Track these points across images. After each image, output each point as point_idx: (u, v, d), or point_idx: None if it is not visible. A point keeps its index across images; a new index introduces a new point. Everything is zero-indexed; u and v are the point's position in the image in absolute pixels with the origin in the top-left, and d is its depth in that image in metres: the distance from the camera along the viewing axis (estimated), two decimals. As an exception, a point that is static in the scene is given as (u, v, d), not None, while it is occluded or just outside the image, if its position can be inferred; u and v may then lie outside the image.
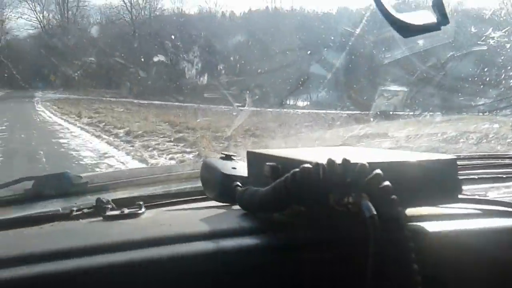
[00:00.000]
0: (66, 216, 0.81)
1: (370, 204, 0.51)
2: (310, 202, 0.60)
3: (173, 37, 19.45)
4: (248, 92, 11.81)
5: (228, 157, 0.83)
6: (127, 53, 20.99)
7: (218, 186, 0.77)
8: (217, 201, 0.79)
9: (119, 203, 0.80)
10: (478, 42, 8.98)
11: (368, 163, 0.53)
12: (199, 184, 0.87)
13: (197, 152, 7.58)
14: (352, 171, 0.53)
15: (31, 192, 1.03)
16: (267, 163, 0.63)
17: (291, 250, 0.59)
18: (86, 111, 15.59)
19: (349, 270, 0.56)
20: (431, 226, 0.64)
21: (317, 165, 0.54)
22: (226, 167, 0.78)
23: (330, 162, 0.53)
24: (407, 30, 0.67)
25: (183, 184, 1.09)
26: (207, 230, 0.61)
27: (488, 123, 9.69)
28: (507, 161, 1.29)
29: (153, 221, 0.73)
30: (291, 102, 12.29)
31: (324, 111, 10.68)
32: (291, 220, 0.64)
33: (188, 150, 8.06)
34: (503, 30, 8.66)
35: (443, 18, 0.65)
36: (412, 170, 0.61)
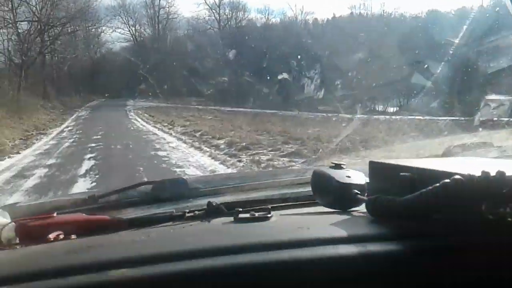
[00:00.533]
0: (180, 217, 0.86)
1: None
2: (454, 212, 0.60)
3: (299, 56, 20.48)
4: (360, 104, 12.22)
5: (338, 166, 0.86)
6: (214, 63, 23.08)
7: (332, 193, 0.80)
8: (329, 207, 0.81)
9: (230, 207, 0.83)
10: None
11: None
12: (304, 190, 0.95)
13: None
14: (509, 181, 0.53)
15: (150, 196, 1.10)
16: (402, 174, 0.66)
17: (436, 254, 0.58)
18: (177, 119, 16.14)
19: (496, 274, 0.56)
20: None
21: (470, 176, 0.54)
22: (340, 175, 0.81)
23: (485, 174, 0.54)
24: None
25: (289, 190, 1.11)
26: (346, 235, 0.61)
27: None
28: None
29: (285, 224, 0.74)
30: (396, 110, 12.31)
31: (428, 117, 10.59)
32: (426, 227, 0.63)
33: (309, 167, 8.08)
34: None
35: None
36: None
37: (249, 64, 21.98)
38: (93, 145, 10.26)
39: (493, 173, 0.54)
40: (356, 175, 0.82)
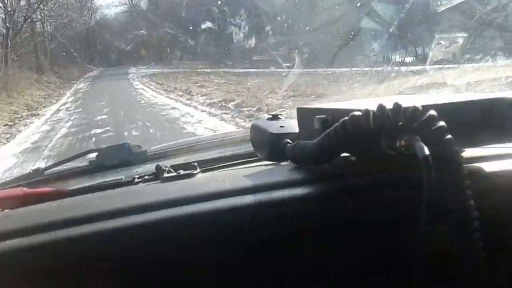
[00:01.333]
0: (128, 183, 0.86)
1: (423, 145, 0.49)
2: (360, 150, 0.61)
3: (219, 2, 19.32)
4: (296, 51, 11.64)
5: (275, 117, 0.85)
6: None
7: (267, 145, 0.79)
8: (268, 160, 0.81)
9: (177, 168, 0.83)
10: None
11: (422, 106, 0.52)
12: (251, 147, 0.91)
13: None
14: (403, 114, 0.52)
15: (95, 163, 1.10)
16: (317, 116, 0.63)
17: (343, 196, 0.60)
18: (191, 85, 13.50)
19: (403, 213, 0.55)
20: (488, 167, 0.63)
21: (367, 111, 0.53)
22: (274, 126, 0.80)
23: (381, 107, 0.52)
24: None
25: (237, 148, 1.11)
26: (259, 184, 0.63)
27: None
28: None
29: (208, 179, 0.76)
30: (341, 60, 11.97)
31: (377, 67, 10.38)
32: (341, 170, 0.65)
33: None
34: None
35: None
36: (468, 111, 0.60)
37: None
38: (98, 131, 7.66)
39: (390, 106, 0.52)
40: (291, 124, 0.79)
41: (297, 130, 0.76)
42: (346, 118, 0.55)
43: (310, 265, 0.58)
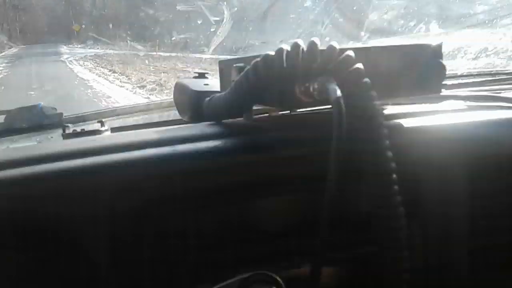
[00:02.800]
0: None
1: (336, 87, 0.46)
2: (275, 99, 0.57)
3: None
4: (225, 3, 10.97)
5: (201, 75, 0.80)
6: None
7: (189, 105, 0.75)
8: (192, 122, 0.75)
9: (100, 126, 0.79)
10: None
11: (340, 48, 0.49)
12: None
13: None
14: (319, 55, 0.49)
15: (2, 126, 1.02)
16: (234, 65, 0.59)
17: (253, 151, 0.58)
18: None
19: (316, 169, 0.50)
20: (410, 122, 0.62)
21: (280, 50, 0.50)
22: (198, 84, 0.76)
23: (295, 46, 0.50)
24: None
25: (164, 115, 1.07)
26: (165, 138, 0.59)
27: (487, 35, 9.28)
28: (503, 77, 1.23)
29: (112, 136, 0.72)
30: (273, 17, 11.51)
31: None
32: (257, 123, 0.63)
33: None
34: None
35: None
36: (389, 56, 0.58)
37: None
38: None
39: (307, 44, 0.49)
40: (217, 82, 0.73)
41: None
42: (258, 59, 0.51)
43: (216, 224, 0.57)
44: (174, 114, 0.99)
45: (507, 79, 1.21)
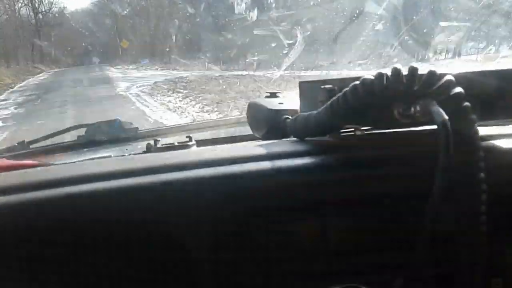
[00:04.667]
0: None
1: (440, 109, 0.47)
2: (369, 121, 0.58)
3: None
4: (299, 27, 11.46)
5: (273, 95, 0.82)
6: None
7: (265, 123, 0.75)
8: (266, 139, 0.75)
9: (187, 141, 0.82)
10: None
11: (439, 73, 0.49)
12: (247, 129, 0.87)
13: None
14: (419, 78, 0.49)
15: (84, 139, 1.07)
16: (322, 86, 0.59)
17: (348, 168, 0.57)
18: None
19: (413, 187, 0.54)
20: (504, 143, 0.61)
21: (380, 74, 0.50)
22: (273, 103, 0.77)
23: (395, 70, 0.49)
24: None
25: (231, 130, 1.09)
26: (259, 154, 0.60)
27: None
28: None
29: (203, 150, 0.72)
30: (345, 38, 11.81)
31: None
32: (347, 142, 0.62)
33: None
34: None
35: None
36: (486, 81, 0.58)
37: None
38: None
39: (405, 71, 0.49)
40: (291, 101, 0.76)
41: (297, 107, 0.72)
42: (357, 82, 0.51)
43: (311, 237, 0.57)
44: (240, 130, 1.03)
45: None
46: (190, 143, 0.79)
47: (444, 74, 0.49)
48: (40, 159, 0.90)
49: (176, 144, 0.79)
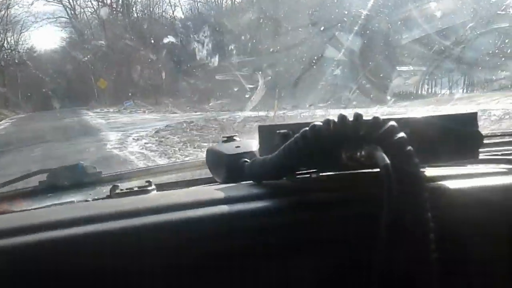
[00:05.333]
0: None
1: (384, 154, 0.49)
2: (320, 164, 0.61)
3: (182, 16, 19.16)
4: (260, 72, 11.69)
5: (230, 139, 0.84)
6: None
7: (224, 167, 0.77)
8: (226, 183, 0.76)
9: (146, 186, 0.81)
10: (498, 12, 8.72)
11: (383, 119, 0.52)
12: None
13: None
14: (364, 124, 0.51)
15: (46, 184, 1.03)
16: (278, 131, 0.61)
17: (301, 211, 0.58)
18: None
19: (362, 229, 0.55)
20: (449, 184, 0.63)
21: (327, 121, 0.52)
22: (230, 148, 0.79)
23: (341, 117, 0.52)
24: None
25: (196, 173, 1.09)
26: (217, 198, 0.61)
27: (511, 98, 9.52)
28: None
29: (163, 195, 0.73)
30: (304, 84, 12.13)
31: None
32: (301, 185, 0.64)
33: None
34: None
35: None
36: (429, 125, 0.60)
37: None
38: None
39: (351, 117, 0.52)
40: (247, 144, 0.79)
41: (254, 149, 0.76)
42: (307, 128, 0.54)
43: (268, 279, 0.57)
44: (202, 173, 1.02)
45: None
46: (149, 188, 0.78)
47: (388, 120, 0.51)
48: (0, 206, 0.90)
49: (136, 189, 0.78)
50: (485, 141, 1.14)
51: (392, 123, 0.51)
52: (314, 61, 11.58)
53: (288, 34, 13.84)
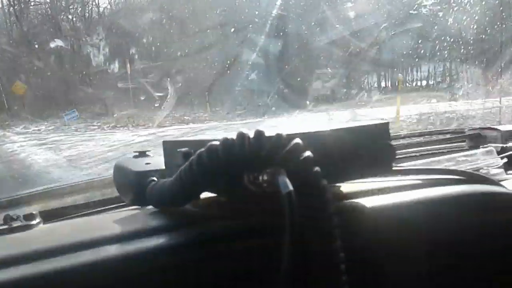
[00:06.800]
0: None
1: (286, 179, 0.48)
2: (223, 187, 0.59)
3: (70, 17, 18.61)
4: (169, 79, 11.80)
5: (142, 154, 0.81)
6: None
7: (130, 187, 0.73)
8: (134, 205, 0.75)
9: (31, 218, 0.74)
10: (410, 12, 9.72)
11: (287, 134, 0.50)
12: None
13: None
14: (266, 143, 0.50)
15: None
16: (179, 149, 0.60)
17: (199, 246, 0.58)
18: None
19: (266, 261, 0.55)
20: (362, 201, 0.64)
21: (225, 140, 0.51)
22: (139, 164, 0.75)
23: (240, 135, 0.50)
24: None
25: (108, 192, 1.03)
26: (109, 234, 0.59)
27: (425, 98, 10.58)
28: (446, 136, 1.43)
29: (49, 233, 0.68)
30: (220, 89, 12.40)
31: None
32: (205, 212, 0.64)
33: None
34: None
35: None
36: (339, 140, 0.61)
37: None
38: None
39: (252, 134, 0.50)
40: (160, 160, 0.74)
41: (163, 166, 0.73)
42: (203, 149, 0.52)
43: None
44: (106, 193, 1.00)
45: (453, 138, 1.40)
46: (33, 222, 0.70)
47: (293, 137, 0.50)
48: None
49: (19, 224, 0.69)
50: (404, 142, 1.27)
51: (297, 141, 0.50)
52: (227, 66, 11.94)
53: (196, 36, 14.00)
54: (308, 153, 0.50)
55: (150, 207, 0.69)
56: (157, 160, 0.75)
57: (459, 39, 9.63)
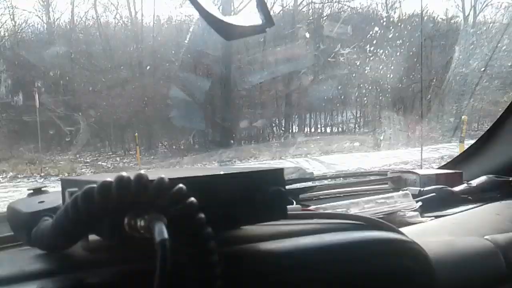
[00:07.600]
0: None
1: (163, 226, 0.47)
2: (105, 231, 0.58)
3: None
4: (80, 113, 11.71)
5: (37, 191, 0.80)
6: None
7: (23, 228, 0.71)
8: (32, 246, 0.72)
9: None
10: (329, 59, 10.47)
11: (171, 178, 0.51)
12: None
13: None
14: (148, 188, 0.50)
15: None
16: (67, 189, 0.61)
17: None
18: None
19: None
20: (254, 247, 0.65)
21: (104, 184, 0.50)
22: (31, 204, 0.74)
23: (119, 178, 0.50)
24: (231, 33, 0.74)
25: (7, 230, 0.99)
26: None
27: (348, 141, 11.26)
28: (370, 178, 1.56)
29: None
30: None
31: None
32: (88, 256, 0.62)
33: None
34: (351, 47, 10.35)
35: (267, 20, 0.73)
36: (230, 184, 0.61)
37: None
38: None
39: (133, 176, 0.51)
40: (56, 197, 0.74)
41: (58, 204, 0.72)
42: (79, 192, 0.52)
43: None
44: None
45: (376, 180, 1.50)
46: None
47: (177, 181, 0.50)
48: None
49: None
50: (328, 183, 1.39)
51: (180, 186, 0.50)
52: (144, 102, 12.04)
53: (108, 72, 13.95)
54: (191, 199, 0.50)
55: (33, 252, 0.67)
56: (53, 197, 0.74)
57: (377, 87, 10.63)
